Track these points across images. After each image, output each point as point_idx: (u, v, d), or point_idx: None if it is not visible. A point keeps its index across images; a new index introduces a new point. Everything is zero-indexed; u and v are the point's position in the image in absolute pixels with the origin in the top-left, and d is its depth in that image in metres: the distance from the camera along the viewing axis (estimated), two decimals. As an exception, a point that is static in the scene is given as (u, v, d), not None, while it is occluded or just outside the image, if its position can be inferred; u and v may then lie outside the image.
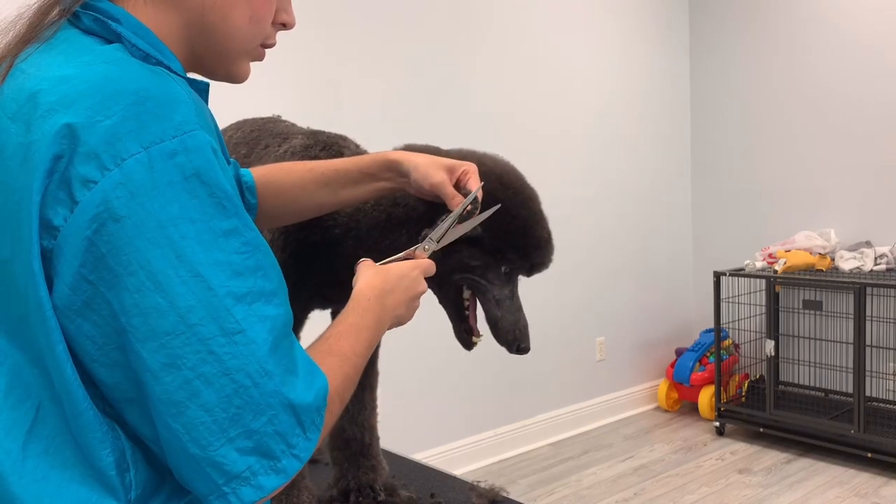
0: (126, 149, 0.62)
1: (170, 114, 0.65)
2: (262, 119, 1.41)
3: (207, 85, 0.80)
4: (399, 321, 0.93)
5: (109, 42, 0.71)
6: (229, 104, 1.62)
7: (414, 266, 0.94)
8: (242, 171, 1.09)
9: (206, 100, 0.80)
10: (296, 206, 1.09)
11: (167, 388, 0.63)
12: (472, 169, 1.03)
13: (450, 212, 0.99)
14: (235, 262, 0.65)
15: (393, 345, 0.97)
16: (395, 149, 1.11)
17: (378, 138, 1.56)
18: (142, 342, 0.62)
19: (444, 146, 1.13)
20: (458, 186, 1.02)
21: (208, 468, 0.64)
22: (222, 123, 1.44)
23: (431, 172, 1.01)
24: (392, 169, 1.05)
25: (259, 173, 1.10)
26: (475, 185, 1.01)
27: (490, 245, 1.07)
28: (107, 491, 0.66)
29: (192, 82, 0.77)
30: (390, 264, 0.93)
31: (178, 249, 0.63)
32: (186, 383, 0.63)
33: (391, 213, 1.10)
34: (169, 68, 0.72)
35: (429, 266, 0.96)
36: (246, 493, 0.65)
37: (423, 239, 0.99)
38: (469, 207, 0.99)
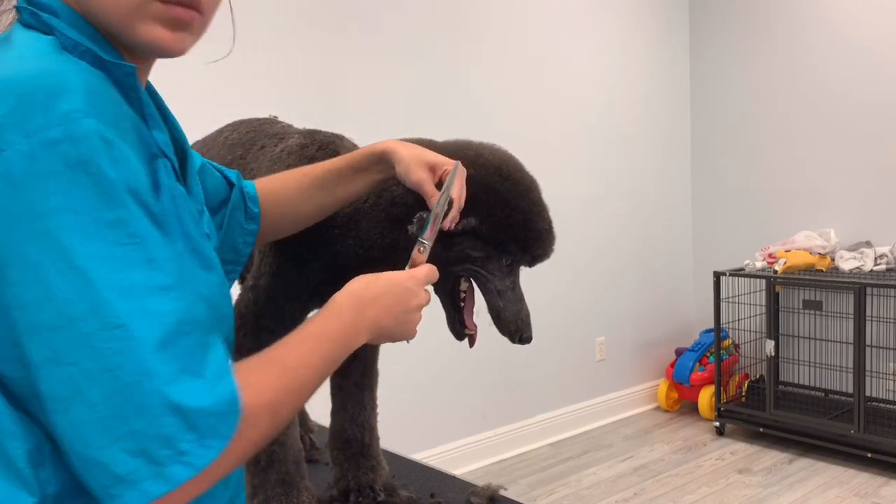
0: (7, 139, 0.61)
1: (58, 103, 0.63)
2: (259, 120, 1.41)
3: (132, 69, 0.73)
4: (387, 333, 0.88)
5: (46, 34, 0.70)
6: (228, 105, 1.62)
7: (409, 276, 0.91)
8: (245, 182, 1.09)
9: (132, 84, 0.73)
10: (298, 212, 1.09)
11: (51, 384, 0.61)
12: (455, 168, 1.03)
13: (428, 210, 1.00)
14: (121, 254, 0.63)
15: (393, 345, 0.96)
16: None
17: (377, 138, 1.56)
18: (27, 336, 0.61)
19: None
20: (441, 185, 1.02)
21: (94, 468, 0.62)
22: (220, 124, 1.45)
23: (413, 169, 1.01)
24: (382, 161, 1.06)
25: (258, 185, 1.10)
26: (458, 187, 1.01)
27: (491, 237, 1.07)
28: (19, 483, 0.64)
29: (116, 67, 0.72)
30: (383, 272, 0.90)
31: (57, 241, 0.61)
32: (70, 379, 0.61)
33: (389, 213, 1.10)
34: (97, 55, 0.70)
35: (429, 273, 0.94)
36: (131, 497, 0.62)
37: (413, 236, 0.99)
38: (445, 209, 1.00)
